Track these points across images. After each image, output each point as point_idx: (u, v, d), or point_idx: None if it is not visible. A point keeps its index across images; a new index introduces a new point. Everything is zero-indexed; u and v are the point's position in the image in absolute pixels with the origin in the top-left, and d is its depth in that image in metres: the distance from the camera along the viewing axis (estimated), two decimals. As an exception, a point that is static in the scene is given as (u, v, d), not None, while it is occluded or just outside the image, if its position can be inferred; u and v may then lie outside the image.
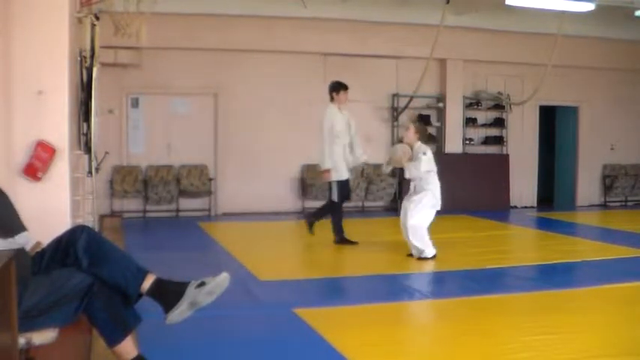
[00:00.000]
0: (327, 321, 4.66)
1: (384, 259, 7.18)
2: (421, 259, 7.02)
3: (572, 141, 13.65)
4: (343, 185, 8.00)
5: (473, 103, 12.89)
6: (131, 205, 11.18)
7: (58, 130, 4.50)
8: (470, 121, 12.89)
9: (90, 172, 5.77)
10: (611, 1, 9.94)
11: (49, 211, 4.33)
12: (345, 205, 11.90)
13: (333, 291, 5.72)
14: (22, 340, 2.82)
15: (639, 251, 7.68)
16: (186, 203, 11.40)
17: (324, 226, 8.12)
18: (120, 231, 9.16)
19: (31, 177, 4.40)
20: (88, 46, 5.31)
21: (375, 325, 4.66)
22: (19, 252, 2.93)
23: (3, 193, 3.17)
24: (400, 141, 7.62)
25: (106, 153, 9.01)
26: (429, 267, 6.80)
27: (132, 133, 11.24)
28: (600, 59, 12.82)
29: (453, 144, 12.63)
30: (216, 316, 4.45)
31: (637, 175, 13.75)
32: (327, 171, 7.91)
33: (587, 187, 13.64)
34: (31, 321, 2.87)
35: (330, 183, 7.99)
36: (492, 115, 13.10)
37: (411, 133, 7.26)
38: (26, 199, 4.08)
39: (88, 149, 5.45)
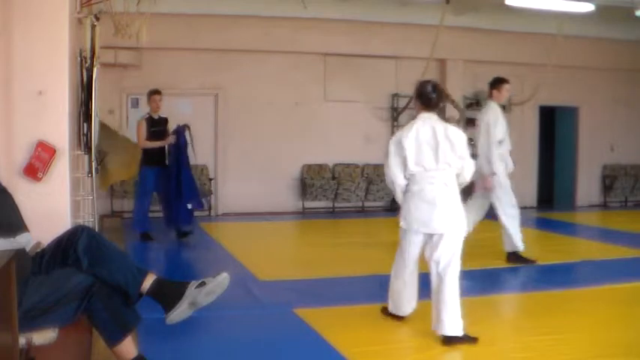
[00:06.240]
0: (327, 321, 4.66)
1: (384, 259, 7.15)
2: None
3: (572, 141, 13.65)
4: None
5: (473, 103, 12.89)
6: (131, 205, 11.15)
7: (58, 130, 4.50)
8: (470, 121, 12.87)
9: (90, 173, 5.76)
10: (611, 1, 9.94)
11: (50, 211, 4.32)
12: (345, 205, 12.07)
13: (333, 291, 5.71)
14: (22, 340, 2.83)
15: (639, 251, 7.68)
16: (186, 203, 11.39)
17: (324, 227, 8.11)
18: (120, 231, 9.16)
19: (31, 177, 4.40)
20: (88, 47, 5.30)
21: (375, 325, 4.66)
22: (20, 252, 2.93)
23: (6, 193, 3.17)
24: None
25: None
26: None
27: (132, 133, 11.22)
28: (600, 59, 12.81)
29: (453, 144, 12.61)
30: (216, 316, 4.46)
31: (637, 175, 13.74)
32: None
33: (587, 187, 13.64)
34: (31, 321, 2.88)
35: None
36: (492, 115, 13.07)
37: None
38: (26, 199, 4.07)
39: (88, 149, 5.45)
